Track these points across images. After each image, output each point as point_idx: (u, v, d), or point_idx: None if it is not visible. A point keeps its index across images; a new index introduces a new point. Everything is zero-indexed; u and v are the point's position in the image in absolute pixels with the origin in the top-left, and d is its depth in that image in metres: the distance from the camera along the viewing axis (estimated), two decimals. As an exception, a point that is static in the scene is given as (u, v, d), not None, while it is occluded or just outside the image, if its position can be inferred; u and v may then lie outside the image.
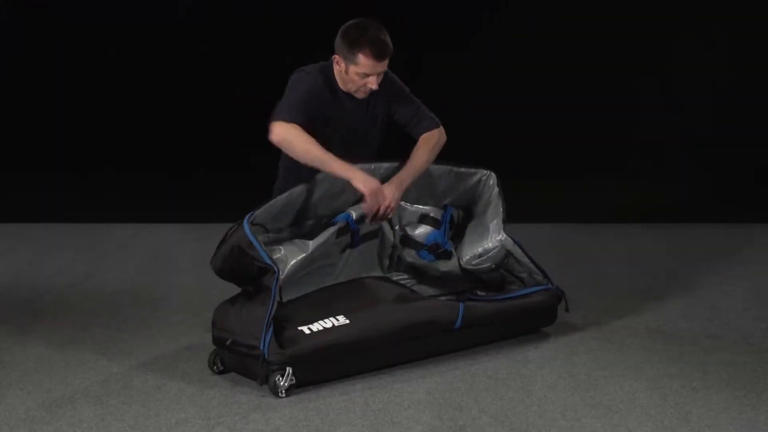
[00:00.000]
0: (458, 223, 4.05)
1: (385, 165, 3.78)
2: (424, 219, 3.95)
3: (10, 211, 5.87)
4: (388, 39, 3.63)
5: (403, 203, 3.88)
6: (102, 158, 6.00)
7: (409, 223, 3.95)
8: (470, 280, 4.03)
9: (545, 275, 3.87)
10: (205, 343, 3.75)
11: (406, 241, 3.96)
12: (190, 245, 5.44)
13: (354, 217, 3.70)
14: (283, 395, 3.30)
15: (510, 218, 3.97)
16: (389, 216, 3.76)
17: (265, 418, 3.16)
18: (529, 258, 3.87)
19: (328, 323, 3.42)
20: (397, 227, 3.94)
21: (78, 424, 3.12)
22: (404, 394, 3.32)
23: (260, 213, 3.52)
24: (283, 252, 3.58)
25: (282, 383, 3.29)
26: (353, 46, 3.60)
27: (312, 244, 3.62)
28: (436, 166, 3.95)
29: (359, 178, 3.55)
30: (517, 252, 3.86)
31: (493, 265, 3.89)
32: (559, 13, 5.89)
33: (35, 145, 5.98)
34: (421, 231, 3.95)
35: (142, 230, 5.70)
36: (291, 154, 3.60)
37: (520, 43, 5.87)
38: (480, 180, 4.01)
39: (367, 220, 3.72)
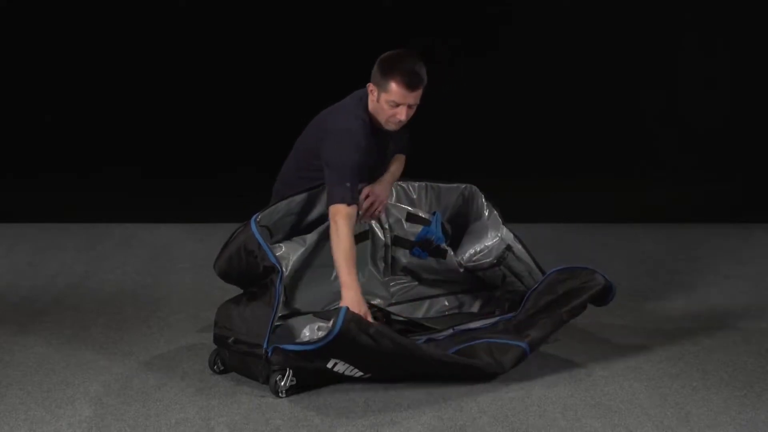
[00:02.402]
0: (451, 234, 4.04)
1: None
2: (410, 217, 3.97)
3: (10, 211, 5.87)
4: (423, 72, 3.60)
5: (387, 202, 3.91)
6: (102, 158, 6.00)
7: (396, 221, 3.96)
8: (470, 280, 4.03)
9: (543, 273, 3.86)
10: (205, 343, 3.76)
11: (398, 241, 3.97)
12: (190, 245, 5.44)
13: None
14: (283, 395, 3.30)
15: (510, 218, 3.97)
16: (379, 212, 3.80)
17: (265, 418, 3.16)
18: (529, 254, 3.87)
19: (357, 373, 3.36)
20: (387, 226, 3.95)
21: (78, 424, 3.12)
22: (404, 394, 3.32)
23: (265, 215, 3.54)
24: (284, 249, 3.61)
25: (282, 384, 3.29)
26: (386, 73, 3.59)
27: (309, 238, 3.66)
28: (412, 184, 4.02)
29: (348, 299, 3.46)
30: (517, 247, 3.86)
31: (494, 260, 3.88)
32: (561, 14, 5.89)
33: (35, 145, 5.98)
34: (411, 229, 3.96)
35: (142, 230, 5.70)
36: (331, 239, 3.58)
37: (521, 44, 5.87)
38: (462, 194, 4.03)
39: (360, 217, 3.75)
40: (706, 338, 3.89)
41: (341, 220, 3.53)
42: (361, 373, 3.35)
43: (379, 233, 3.94)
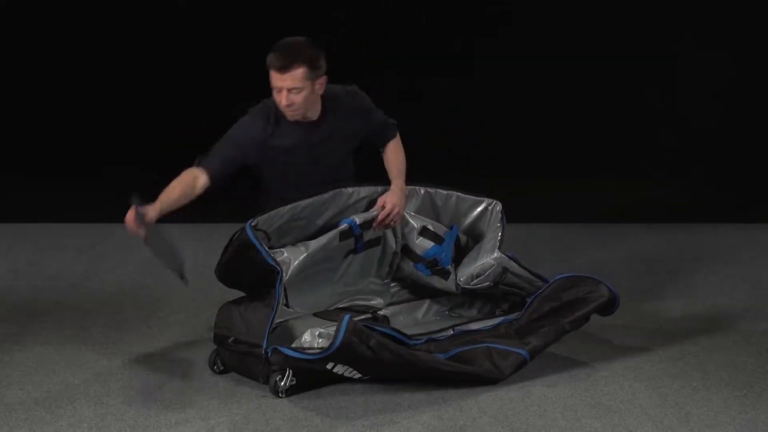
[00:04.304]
0: (464, 247, 4.00)
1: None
2: (424, 232, 3.93)
3: (10, 211, 5.86)
4: (298, 53, 3.55)
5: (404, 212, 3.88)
6: (102, 158, 5.99)
7: (410, 231, 3.93)
8: (468, 298, 4.02)
9: (544, 281, 3.83)
10: (205, 344, 3.76)
11: (406, 251, 3.95)
12: (190, 245, 5.43)
13: (358, 222, 3.72)
14: (283, 395, 3.30)
15: (510, 218, 3.95)
16: (396, 223, 3.79)
17: (265, 418, 3.16)
18: (526, 269, 3.82)
19: (356, 375, 3.36)
20: (399, 234, 3.93)
21: (78, 424, 3.12)
22: (404, 394, 3.32)
23: (264, 220, 3.53)
24: (286, 254, 3.60)
25: (282, 384, 3.29)
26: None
27: (313, 244, 3.64)
28: (440, 192, 3.96)
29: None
30: (513, 266, 3.79)
31: (492, 283, 3.85)
32: (561, 14, 5.89)
33: (35, 145, 5.98)
34: (422, 243, 3.93)
35: (142, 230, 5.69)
36: None
37: (521, 44, 5.87)
38: (486, 209, 3.96)
39: (374, 225, 3.75)
40: (706, 338, 3.89)
41: (184, 173, 3.70)
42: (360, 375, 3.35)
43: (391, 241, 3.92)
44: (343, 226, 3.70)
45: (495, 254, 3.78)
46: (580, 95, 5.91)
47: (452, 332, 3.67)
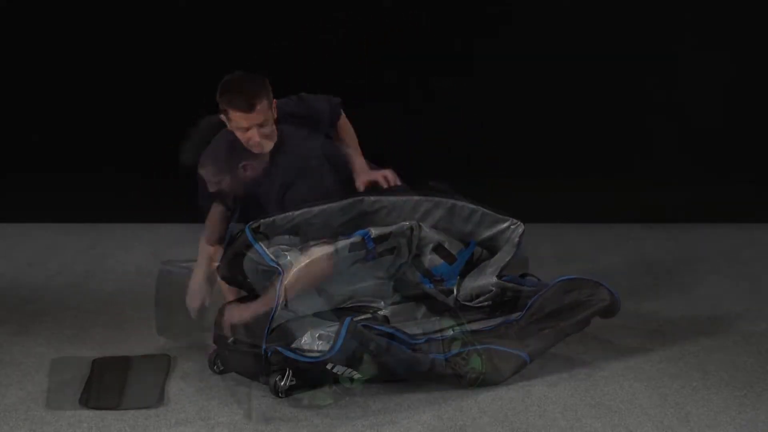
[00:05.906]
0: (478, 259, 3.95)
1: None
2: (438, 249, 3.90)
3: (10, 211, 5.86)
4: (257, 88, 3.54)
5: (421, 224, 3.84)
6: (102, 158, 5.99)
7: (426, 244, 3.90)
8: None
9: (545, 285, 3.80)
10: (205, 343, 3.76)
11: (415, 261, 3.94)
12: (190, 245, 5.42)
13: (372, 236, 3.69)
14: (283, 396, 3.30)
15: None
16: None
17: (265, 418, 3.16)
18: (526, 286, 3.81)
19: (355, 375, 3.35)
20: (414, 244, 3.90)
21: (78, 424, 3.12)
22: (404, 394, 3.32)
23: (267, 224, 3.52)
24: (288, 258, 3.58)
25: (282, 384, 3.30)
26: (222, 104, 3.57)
27: (318, 251, 3.62)
28: (465, 206, 3.89)
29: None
30: (512, 286, 3.79)
31: (490, 302, 3.84)
32: (561, 14, 5.89)
33: (35, 145, 5.98)
34: (432, 259, 3.88)
35: (142, 230, 5.70)
36: None
37: (521, 44, 5.87)
38: (509, 228, 3.90)
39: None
40: (706, 338, 3.89)
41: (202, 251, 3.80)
42: (359, 375, 3.35)
43: (405, 254, 3.88)
44: (356, 237, 3.67)
45: (493, 280, 3.77)
46: (580, 95, 5.91)
47: (452, 332, 3.67)
